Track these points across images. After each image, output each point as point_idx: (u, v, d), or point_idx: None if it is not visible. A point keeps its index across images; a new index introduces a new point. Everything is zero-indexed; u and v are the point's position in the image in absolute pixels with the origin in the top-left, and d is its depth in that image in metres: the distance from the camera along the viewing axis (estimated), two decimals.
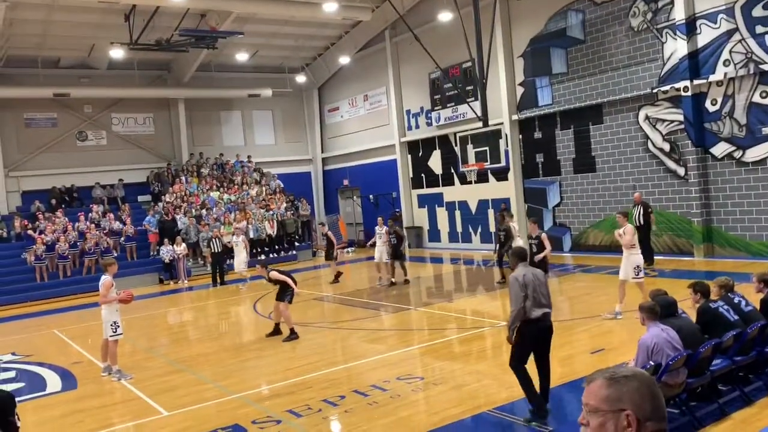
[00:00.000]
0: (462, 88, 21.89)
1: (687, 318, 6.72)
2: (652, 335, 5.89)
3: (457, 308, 13.53)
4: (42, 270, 20.85)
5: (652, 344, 5.83)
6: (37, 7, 20.43)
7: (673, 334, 5.95)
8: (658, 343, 5.82)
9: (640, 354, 5.90)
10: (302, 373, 9.21)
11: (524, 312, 6.52)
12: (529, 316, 6.54)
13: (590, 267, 16.73)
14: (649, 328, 6.00)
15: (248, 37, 23.98)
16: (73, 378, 10.28)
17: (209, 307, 17.52)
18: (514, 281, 6.61)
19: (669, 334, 5.93)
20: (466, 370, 8.81)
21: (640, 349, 5.92)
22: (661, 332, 5.92)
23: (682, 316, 6.67)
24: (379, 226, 17.80)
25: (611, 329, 10.30)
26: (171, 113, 27.92)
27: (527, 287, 6.51)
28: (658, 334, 5.90)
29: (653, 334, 5.91)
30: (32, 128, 25.12)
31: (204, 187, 26.31)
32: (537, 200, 20.83)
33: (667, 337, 5.89)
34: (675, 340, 5.91)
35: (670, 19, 16.44)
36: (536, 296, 6.56)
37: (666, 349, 5.80)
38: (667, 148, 16.99)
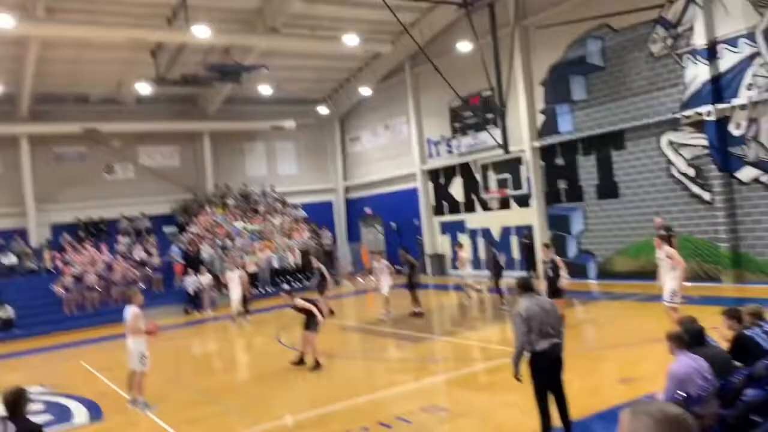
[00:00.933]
0: (482, 116, 22.00)
1: (717, 346, 6.59)
2: (681, 365, 5.79)
3: (482, 337, 13.42)
4: (70, 301, 21.16)
5: (682, 374, 5.72)
6: (68, 45, 21.12)
7: (703, 364, 5.84)
8: (688, 373, 5.71)
9: (669, 384, 5.79)
10: (326, 403, 9.18)
11: (529, 345, 6.44)
12: (535, 349, 6.46)
13: (617, 294, 16.52)
14: (678, 358, 5.89)
15: (271, 70, 24.36)
16: (99, 409, 10.36)
17: (233, 337, 17.58)
18: (516, 316, 6.52)
19: (699, 363, 5.82)
20: (492, 401, 8.72)
21: (669, 379, 5.81)
22: (691, 361, 5.81)
23: (711, 345, 6.54)
24: (378, 262, 17.40)
25: (640, 358, 10.13)
26: (196, 146, 28.43)
27: (531, 320, 6.41)
28: (688, 363, 5.79)
29: (682, 363, 5.80)
30: (62, 162, 25.73)
31: (229, 218, 26.61)
32: (560, 227, 20.70)
33: (696, 366, 5.78)
34: (705, 369, 5.80)
35: (690, 44, 16.42)
36: (542, 327, 6.44)
37: (696, 378, 5.69)
38: (692, 174, 16.83)
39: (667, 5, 16.89)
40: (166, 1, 19.32)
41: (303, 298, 12.28)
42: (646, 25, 17.41)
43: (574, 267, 20.06)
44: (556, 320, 6.63)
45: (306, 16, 21.84)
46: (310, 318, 11.75)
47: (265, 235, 25.73)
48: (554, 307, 6.73)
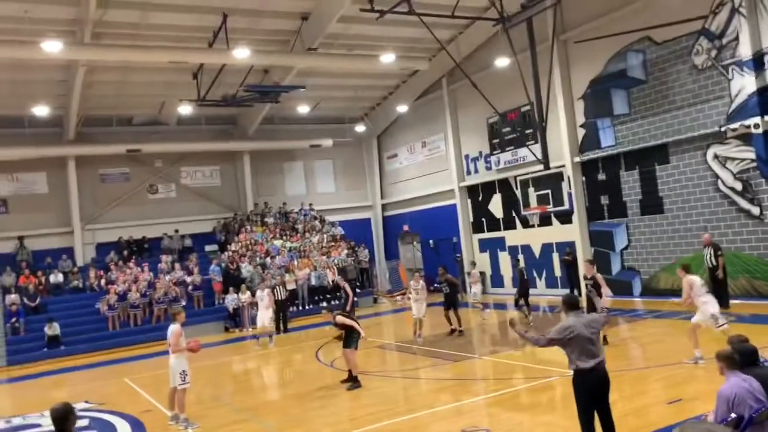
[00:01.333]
0: (521, 131, 21.82)
1: None
2: (732, 385, 5.55)
3: (524, 357, 13.18)
4: (114, 319, 21.57)
5: (733, 395, 5.49)
6: (113, 69, 21.76)
7: (755, 385, 5.59)
8: (739, 394, 5.48)
9: (719, 406, 5.56)
10: (366, 423, 9.10)
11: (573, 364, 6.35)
12: (579, 367, 6.32)
13: (662, 312, 16.06)
14: (729, 378, 5.66)
15: (309, 90, 24.73)
16: (142, 426, 10.48)
17: (273, 355, 17.64)
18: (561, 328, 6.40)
19: (751, 384, 5.57)
20: (535, 422, 8.52)
21: (719, 400, 5.58)
22: (742, 382, 5.57)
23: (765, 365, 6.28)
24: (415, 281, 16.73)
25: (688, 378, 9.79)
26: (237, 165, 28.88)
27: (576, 339, 6.26)
28: (739, 384, 5.55)
29: (733, 384, 5.57)
30: (107, 183, 26.42)
31: (268, 236, 26.87)
32: (603, 243, 20.29)
33: (748, 387, 5.53)
34: (758, 390, 5.55)
35: (735, 55, 16.02)
36: (583, 347, 6.30)
37: (748, 400, 5.45)
38: (739, 187, 16.34)
39: (710, 16, 16.55)
40: (207, 25, 19.76)
41: (343, 314, 12.26)
42: (689, 36, 17.07)
43: (618, 284, 19.65)
44: (599, 338, 6.47)
45: (343, 36, 22.09)
46: (350, 334, 11.71)
47: (304, 252, 25.88)
48: (599, 325, 6.56)
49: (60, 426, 4.76)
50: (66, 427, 4.76)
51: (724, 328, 10.25)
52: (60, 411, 4.81)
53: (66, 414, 4.81)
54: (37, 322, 21.03)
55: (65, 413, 4.80)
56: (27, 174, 24.74)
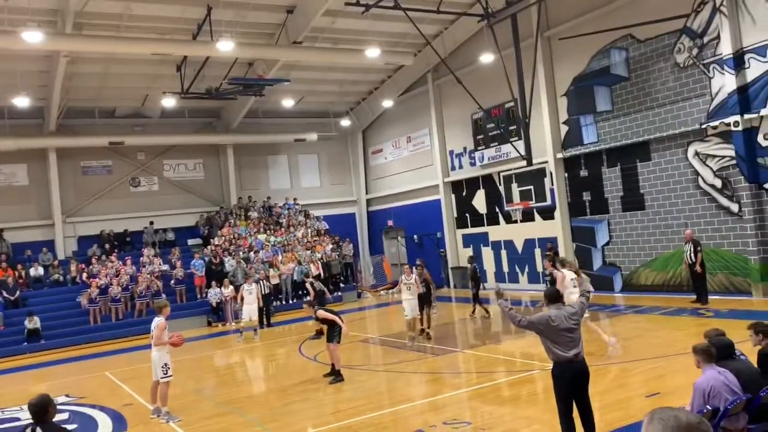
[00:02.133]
0: (505, 127, 21.92)
1: (746, 360, 6.42)
2: (708, 378, 5.65)
3: (505, 350, 13.28)
4: (95, 313, 21.40)
5: (709, 387, 5.59)
6: (95, 60, 21.55)
7: (731, 378, 5.70)
8: (715, 387, 5.58)
9: (695, 398, 5.66)
10: (348, 416, 9.14)
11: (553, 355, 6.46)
12: (559, 358, 6.42)
13: (643, 307, 16.25)
14: (705, 371, 5.76)
15: (294, 83, 24.65)
16: (123, 420, 10.42)
17: (256, 349, 17.62)
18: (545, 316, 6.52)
19: (726, 377, 5.68)
20: (515, 415, 8.60)
21: (695, 392, 5.68)
22: (718, 375, 5.67)
23: (740, 359, 6.38)
24: (407, 275, 14.96)
25: (667, 372, 9.93)
26: (220, 159, 28.73)
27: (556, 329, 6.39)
28: (715, 377, 5.65)
29: (709, 377, 5.67)
30: (88, 176, 26.16)
31: (252, 230, 26.78)
32: (585, 239, 20.47)
33: (724, 380, 5.64)
34: (733, 383, 5.66)
35: (716, 54, 16.21)
36: (562, 337, 6.40)
37: (723, 392, 5.55)
38: (719, 185, 16.56)
39: (692, 15, 16.72)
40: (191, 17, 19.62)
41: (325, 309, 12.27)
42: (672, 35, 17.24)
43: (599, 279, 19.84)
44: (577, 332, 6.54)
45: (328, 30, 22.03)
46: (332, 329, 11.73)
47: (288, 247, 25.82)
48: (579, 318, 6.64)
49: (38, 418, 4.76)
50: (45, 418, 4.75)
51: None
52: (38, 403, 4.80)
53: (44, 406, 4.80)
54: (17, 316, 20.81)
55: (43, 405, 4.80)
56: (7, 166, 24.44)
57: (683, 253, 16.18)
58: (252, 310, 18.69)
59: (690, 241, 15.74)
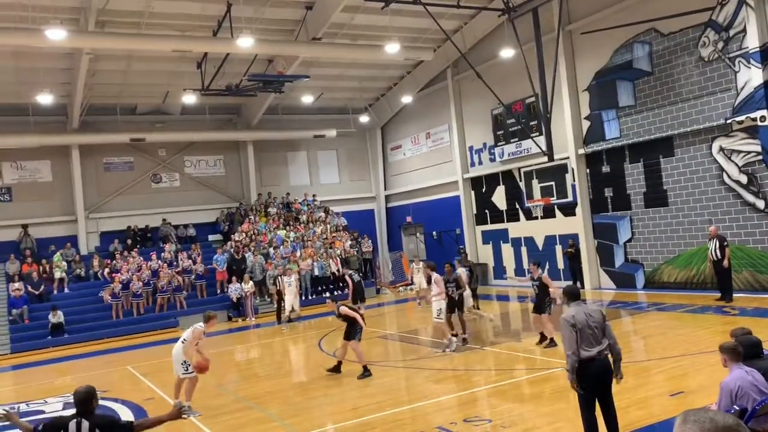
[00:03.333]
0: (525, 123, 21.73)
1: None
2: (735, 378, 5.54)
3: (526, 348, 13.18)
4: (117, 308, 21.64)
5: (736, 387, 5.48)
6: (117, 58, 21.74)
7: (758, 377, 5.58)
8: (742, 387, 5.46)
9: (722, 398, 5.55)
10: (368, 412, 9.12)
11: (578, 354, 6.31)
12: (581, 356, 6.32)
13: (665, 305, 16.04)
14: (732, 370, 5.64)
15: (313, 80, 24.66)
16: (145, 413, 10.51)
17: (275, 344, 17.69)
18: (564, 323, 6.40)
19: (754, 376, 5.56)
20: (536, 413, 8.52)
21: (722, 392, 5.57)
22: (746, 375, 5.55)
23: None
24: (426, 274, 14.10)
25: (690, 371, 9.78)
26: (240, 155, 28.87)
27: (577, 327, 6.30)
28: (742, 376, 5.54)
29: (736, 376, 5.55)
30: (110, 172, 26.44)
31: (271, 226, 26.89)
32: (607, 236, 20.25)
33: (752, 379, 5.52)
34: (761, 383, 5.53)
35: (743, 47, 15.90)
36: (588, 335, 6.31)
37: (751, 392, 5.43)
38: (745, 181, 16.26)
39: (717, 8, 16.42)
40: (211, 13, 19.70)
41: (347, 305, 12.27)
42: (696, 28, 16.95)
43: (621, 276, 19.63)
44: (601, 328, 6.43)
45: (348, 25, 22.00)
46: (353, 326, 11.72)
47: (307, 243, 25.88)
48: (601, 315, 6.54)
49: (83, 408, 4.93)
50: (87, 408, 4.94)
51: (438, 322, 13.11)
52: (82, 393, 4.99)
53: (88, 396, 4.98)
54: (41, 310, 21.11)
55: (88, 395, 4.99)
56: (31, 162, 24.78)
57: (707, 250, 15.92)
58: (294, 301, 20.06)
59: (715, 237, 15.46)
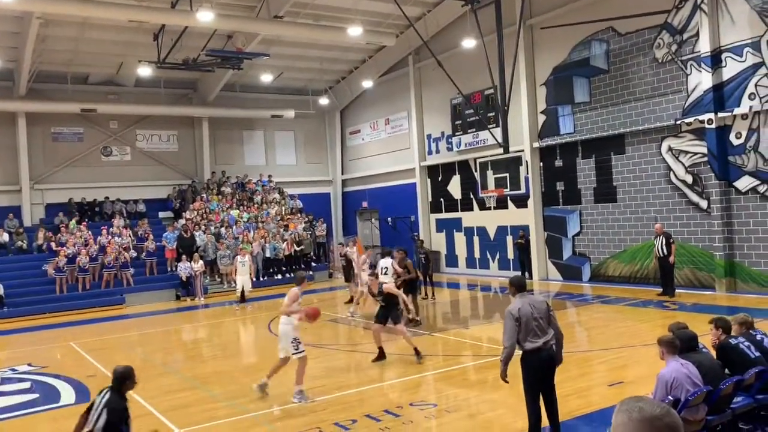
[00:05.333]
0: (483, 114, 21.95)
1: (708, 353, 6.57)
2: (671, 370, 5.77)
3: (473, 335, 13.41)
4: (62, 282, 21.06)
5: (671, 379, 5.71)
6: (69, 24, 20.97)
7: (693, 370, 5.82)
8: (677, 378, 5.70)
9: (658, 388, 5.77)
10: (315, 395, 9.15)
11: (520, 344, 6.41)
12: (525, 347, 6.41)
13: (609, 298, 16.52)
14: (669, 363, 5.87)
15: (273, 59, 24.34)
16: (87, 391, 10.30)
17: (224, 324, 17.54)
18: (508, 315, 6.43)
19: (689, 369, 5.80)
20: (480, 399, 8.70)
21: (658, 383, 5.80)
22: (681, 367, 5.79)
23: (702, 351, 6.53)
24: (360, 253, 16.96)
25: (630, 362, 10.13)
26: (195, 131, 28.31)
27: (522, 319, 6.36)
28: (678, 368, 5.77)
29: (672, 368, 5.78)
30: (58, 142, 25.60)
31: (224, 205, 26.53)
32: (556, 228, 20.69)
33: (686, 372, 5.76)
34: (695, 375, 5.78)
35: (695, 51, 16.38)
36: (530, 327, 6.38)
37: (685, 384, 5.67)
38: (690, 181, 16.83)
39: (673, 10, 16.85)
40: None
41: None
42: (652, 30, 17.37)
43: (569, 269, 20.10)
44: (546, 320, 6.54)
45: (311, 5, 21.76)
46: (395, 307, 11.00)
47: (260, 224, 25.65)
48: (546, 305, 6.66)
49: (115, 384, 5.44)
50: (119, 388, 5.43)
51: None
52: (120, 371, 5.51)
53: (124, 377, 5.47)
54: None
55: (123, 376, 5.48)
56: None
57: (653, 246, 16.42)
58: (245, 281, 19.77)
59: (661, 235, 15.96)
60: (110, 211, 25.43)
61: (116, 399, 5.38)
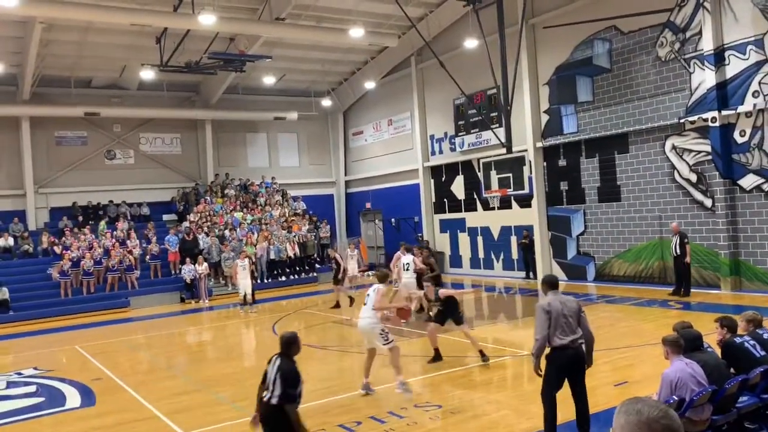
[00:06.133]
0: (486, 114, 21.93)
1: (713, 353, 6.55)
2: (676, 369, 5.75)
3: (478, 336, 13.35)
4: (66, 286, 21.11)
5: (676, 378, 5.69)
6: (72, 28, 21.05)
7: (697, 369, 5.80)
8: (682, 378, 5.68)
9: (663, 388, 5.76)
10: (320, 396, 9.15)
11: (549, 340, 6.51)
12: (553, 344, 6.50)
13: (614, 297, 16.48)
14: (673, 362, 5.86)
15: (276, 61, 24.36)
16: (92, 394, 10.33)
17: (229, 327, 17.55)
18: (540, 309, 6.60)
19: (693, 368, 5.78)
20: (485, 400, 8.68)
21: (663, 383, 5.78)
22: (686, 366, 5.77)
23: (707, 351, 6.51)
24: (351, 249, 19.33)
25: (635, 362, 10.10)
26: (198, 134, 28.36)
27: (552, 315, 6.49)
28: (682, 368, 5.75)
29: (677, 368, 5.77)
30: (63, 146, 25.68)
31: (228, 208, 26.56)
32: (560, 228, 20.65)
33: (691, 371, 5.74)
34: (699, 375, 5.76)
35: (698, 49, 16.34)
36: (559, 323, 6.50)
37: (690, 384, 5.65)
38: (694, 179, 16.78)
39: (675, 9, 16.81)
40: None
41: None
42: (654, 28, 17.33)
43: (573, 269, 20.06)
44: (576, 318, 6.63)
45: (312, 7, 21.78)
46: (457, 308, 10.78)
47: (264, 226, 25.67)
48: (578, 305, 6.74)
49: (283, 350, 5.91)
50: (288, 352, 5.89)
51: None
52: (285, 337, 5.97)
53: (291, 341, 5.93)
54: None
55: (290, 341, 5.94)
56: None
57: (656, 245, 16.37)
58: (246, 285, 19.27)
59: (677, 234, 15.93)
60: (114, 214, 25.51)
61: (287, 363, 5.80)
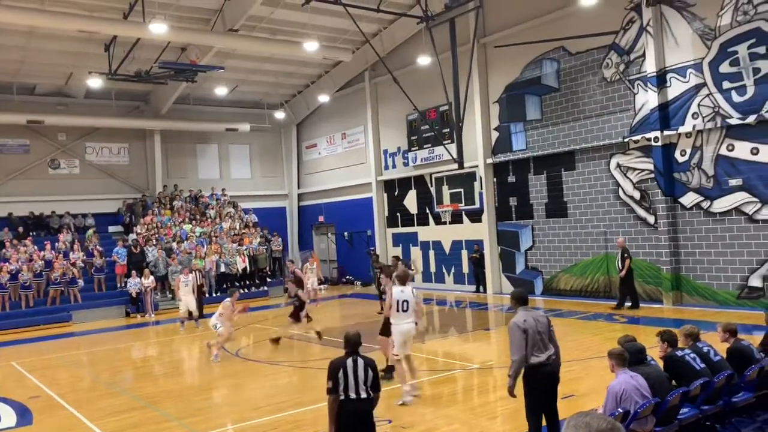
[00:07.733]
0: (439, 130, 22.20)
1: (656, 365, 6.73)
2: (621, 382, 5.89)
3: (429, 350, 13.42)
4: (4, 299, 20.27)
5: (621, 391, 5.83)
6: (15, 33, 20.35)
7: (641, 381, 5.95)
8: (627, 390, 5.82)
9: (608, 401, 5.88)
10: (269, 413, 9.01)
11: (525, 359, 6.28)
12: (530, 362, 6.30)
13: (561, 311, 16.79)
14: (618, 375, 6.00)
15: (228, 71, 24.12)
16: (29, 413, 9.91)
17: (175, 342, 17.14)
18: (515, 327, 6.32)
19: (638, 381, 5.93)
20: (436, 414, 8.70)
21: (608, 395, 5.91)
22: (630, 379, 5.92)
23: (651, 364, 6.69)
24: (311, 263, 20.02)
25: (581, 375, 10.29)
26: (147, 144, 27.78)
27: (527, 332, 6.26)
28: (627, 380, 5.90)
29: (622, 380, 5.91)
30: (3, 154, 24.77)
31: (177, 220, 26.04)
32: (510, 243, 20.99)
33: (635, 384, 5.89)
34: (643, 387, 5.91)
35: (641, 71, 16.94)
36: (535, 341, 6.30)
37: (634, 396, 5.80)
38: (638, 196, 17.32)
39: (621, 32, 17.41)
40: None
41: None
42: (601, 50, 17.89)
43: (521, 282, 20.38)
44: (548, 334, 6.47)
45: (267, 19, 21.68)
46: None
47: (214, 239, 25.25)
48: (547, 320, 6.60)
49: (355, 348, 6.44)
50: (357, 349, 6.44)
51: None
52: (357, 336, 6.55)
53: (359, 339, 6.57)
54: None
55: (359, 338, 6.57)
56: None
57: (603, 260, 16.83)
58: (188, 301, 18.35)
59: (620, 249, 16.45)
60: (57, 225, 24.71)
61: (369, 359, 6.40)
